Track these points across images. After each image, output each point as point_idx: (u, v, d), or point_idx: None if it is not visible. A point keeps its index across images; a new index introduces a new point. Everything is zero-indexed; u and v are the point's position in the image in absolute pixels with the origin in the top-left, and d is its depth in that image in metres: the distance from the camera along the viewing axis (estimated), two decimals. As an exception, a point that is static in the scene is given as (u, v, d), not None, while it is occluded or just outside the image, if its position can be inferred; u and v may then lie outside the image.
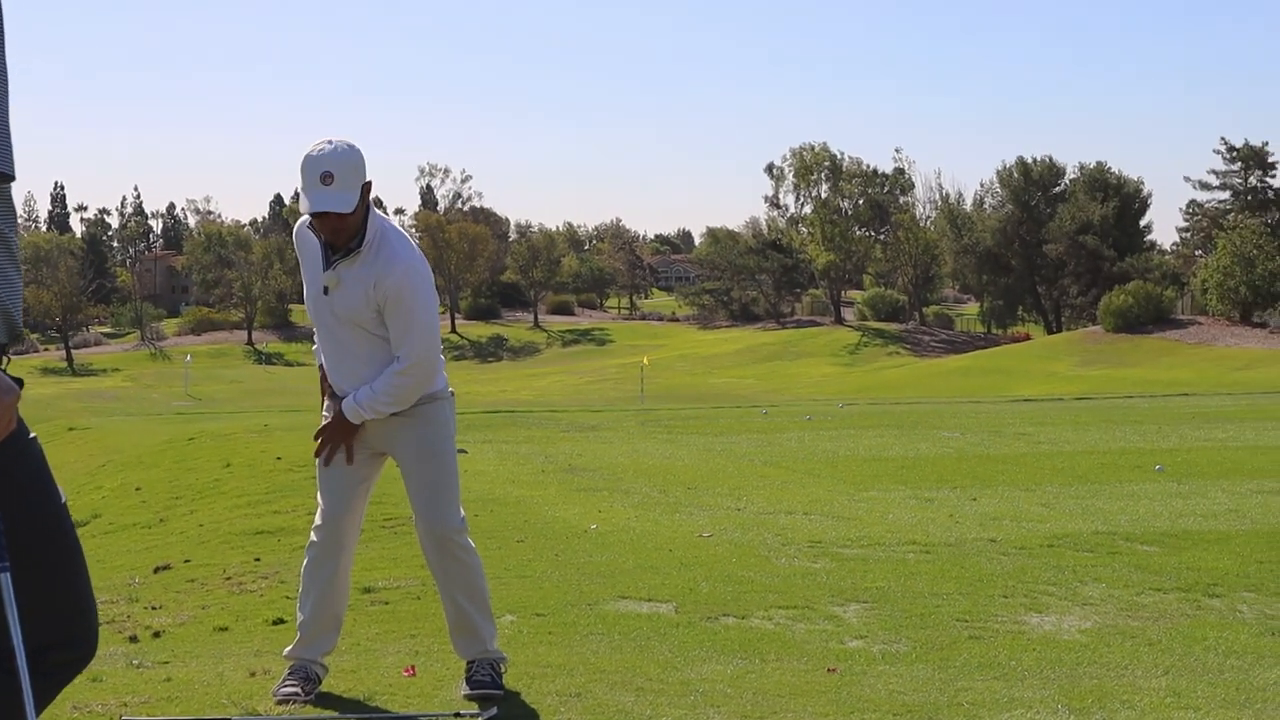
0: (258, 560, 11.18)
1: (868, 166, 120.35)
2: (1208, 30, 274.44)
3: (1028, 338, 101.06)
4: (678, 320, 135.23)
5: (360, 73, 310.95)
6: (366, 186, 6.08)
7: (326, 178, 5.93)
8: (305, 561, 6.65)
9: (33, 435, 3.74)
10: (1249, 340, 76.03)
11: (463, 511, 6.53)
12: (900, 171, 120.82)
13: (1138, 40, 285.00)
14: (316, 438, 6.47)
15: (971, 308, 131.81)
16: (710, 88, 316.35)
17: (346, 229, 6.10)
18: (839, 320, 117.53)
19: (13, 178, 3.49)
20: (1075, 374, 70.55)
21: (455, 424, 6.70)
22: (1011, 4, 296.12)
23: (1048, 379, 67.79)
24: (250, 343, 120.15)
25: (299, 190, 6.05)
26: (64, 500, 3.81)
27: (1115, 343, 79.35)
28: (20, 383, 3.56)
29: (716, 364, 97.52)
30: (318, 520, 6.58)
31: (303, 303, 6.64)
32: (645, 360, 72.32)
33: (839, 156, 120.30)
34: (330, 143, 6.03)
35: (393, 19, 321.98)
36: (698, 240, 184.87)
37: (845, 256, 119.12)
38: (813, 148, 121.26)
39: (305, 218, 6.39)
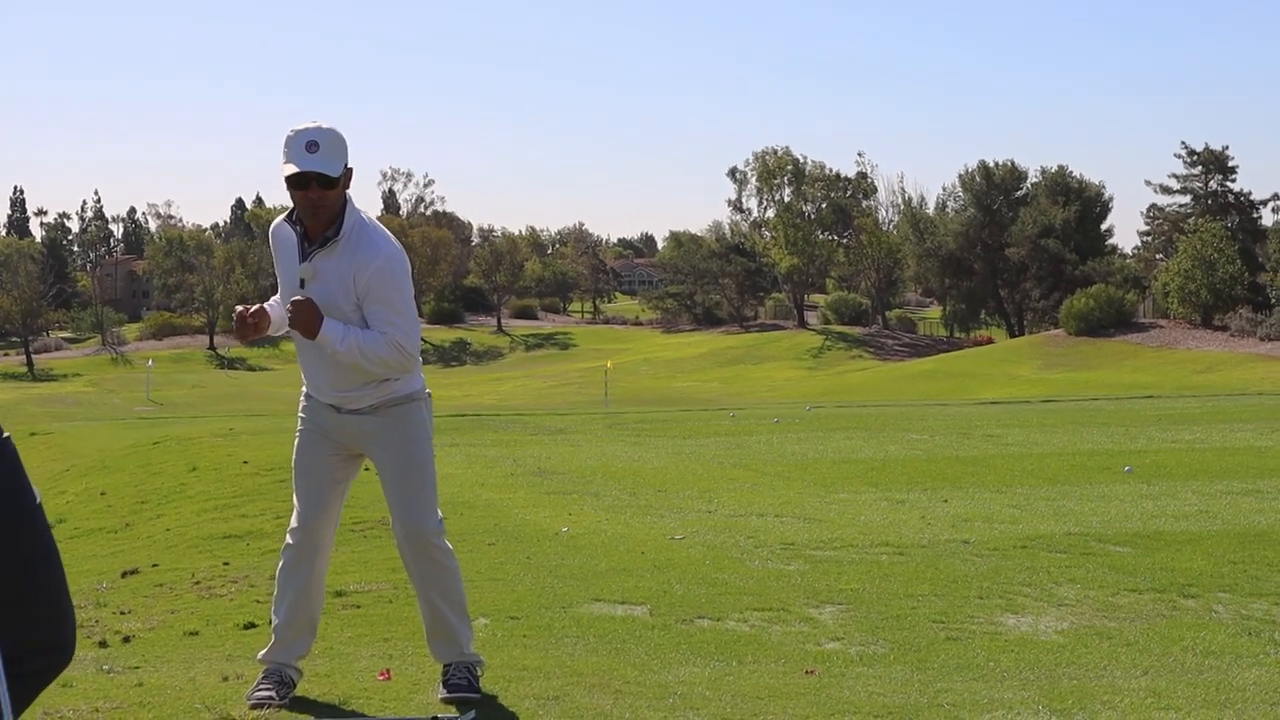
0: (226, 564, 11.09)
1: (830, 170, 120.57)
2: (1168, 34, 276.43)
3: (990, 341, 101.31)
4: (641, 324, 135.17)
5: (323, 77, 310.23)
6: (348, 173, 6.01)
7: (312, 146, 5.89)
8: (280, 564, 6.57)
9: (6, 435, 3.66)
10: (1210, 343, 76.35)
11: (440, 513, 6.47)
12: (863, 175, 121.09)
13: (1099, 44, 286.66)
14: (298, 307, 6.08)
15: (934, 311, 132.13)
16: (673, 91, 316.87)
17: (326, 206, 5.99)
18: (802, 324, 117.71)
19: None
20: (1038, 377, 70.79)
21: (433, 425, 6.64)
22: (973, 8, 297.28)
23: (1010, 382, 68.01)
24: (212, 347, 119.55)
25: (282, 163, 5.94)
26: (39, 500, 3.73)
27: (1077, 346, 79.61)
28: None
29: (680, 368, 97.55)
30: (293, 523, 6.50)
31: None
32: (609, 364, 72.24)
33: (802, 160, 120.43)
34: (315, 122, 6.00)
35: (355, 25, 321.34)
36: (660, 244, 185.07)
37: (808, 260, 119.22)
38: (775, 151, 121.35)
39: (280, 218, 6.31)
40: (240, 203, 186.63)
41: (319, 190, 5.93)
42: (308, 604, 6.55)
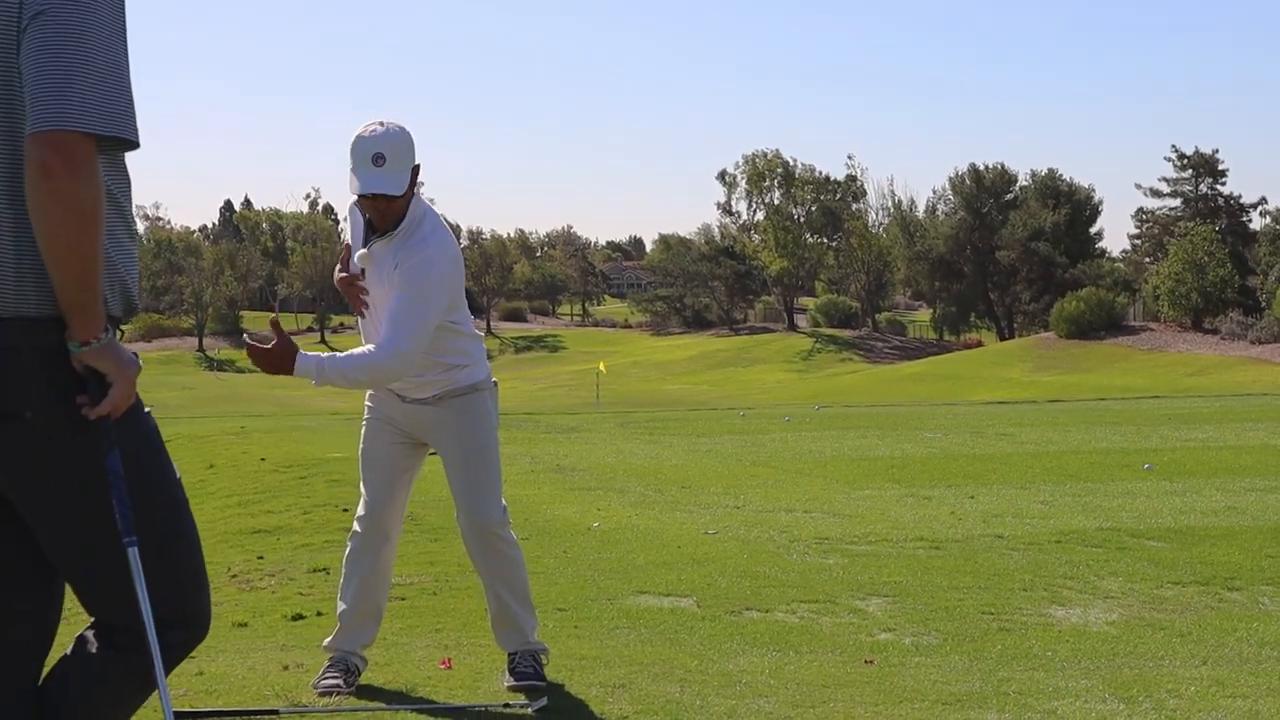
0: (261, 558, 11.10)
1: (820, 173, 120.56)
2: (1158, 38, 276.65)
3: (980, 344, 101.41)
4: (630, 327, 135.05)
5: (311, 80, 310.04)
6: (415, 169, 5.98)
7: (378, 159, 5.80)
8: (347, 551, 6.54)
9: (148, 410, 3.68)
10: (1200, 346, 76.48)
11: (504, 503, 6.46)
12: (852, 178, 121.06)
13: (1088, 47, 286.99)
14: (255, 355, 5.88)
15: (924, 314, 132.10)
16: (661, 94, 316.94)
17: (393, 211, 5.96)
18: (792, 327, 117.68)
19: (136, 144, 3.45)
20: (1029, 380, 70.82)
21: (498, 415, 6.62)
22: (962, 12, 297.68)
23: (1001, 385, 68.02)
24: (201, 349, 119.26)
25: (349, 170, 5.90)
26: (179, 476, 3.75)
27: (1068, 349, 79.66)
28: (137, 356, 3.52)
29: (670, 370, 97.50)
30: (360, 511, 6.47)
31: (256, 309, 6.44)
32: (601, 366, 72.19)
33: (791, 163, 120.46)
34: (381, 124, 5.88)
35: (342, 28, 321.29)
36: (649, 247, 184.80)
37: (798, 263, 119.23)
38: (765, 154, 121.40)
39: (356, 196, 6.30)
40: (229, 205, 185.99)
41: (386, 202, 5.91)
42: (374, 592, 6.53)
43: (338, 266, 6.38)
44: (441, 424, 6.33)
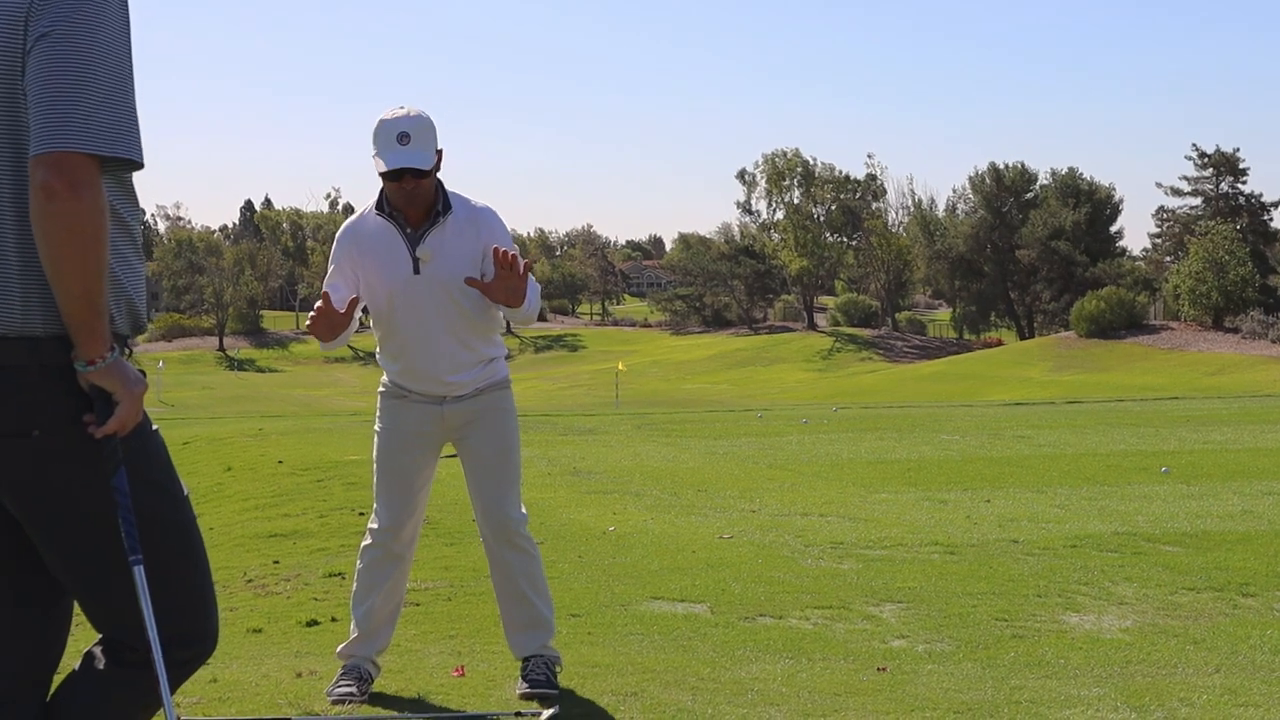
0: (276, 563, 11.12)
1: (840, 172, 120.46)
2: (1179, 36, 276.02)
3: (1000, 343, 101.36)
4: (650, 326, 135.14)
5: (330, 79, 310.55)
6: (439, 156, 6.05)
7: (403, 138, 5.90)
8: (363, 564, 6.47)
9: (155, 428, 3.70)
10: (1221, 345, 76.37)
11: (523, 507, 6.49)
12: (872, 177, 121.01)
13: (1109, 46, 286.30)
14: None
15: (944, 313, 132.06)
16: (681, 93, 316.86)
17: (422, 193, 6.02)
18: (812, 326, 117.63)
19: (140, 165, 3.46)
20: (1049, 379, 70.79)
21: None
22: (983, 10, 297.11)
23: (1021, 384, 67.99)
24: (222, 349, 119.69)
25: (373, 156, 5.96)
26: (186, 493, 3.77)
27: (1088, 348, 79.61)
28: (144, 374, 3.54)
29: (690, 370, 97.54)
30: (379, 524, 6.37)
31: (276, 308, 6.44)
32: (620, 366, 72.27)
33: (811, 162, 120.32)
34: (403, 108, 6.01)
35: (361, 25, 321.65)
36: (669, 246, 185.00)
37: (818, 262, 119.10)
38: (785, 153, 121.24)
39: (359, 215, 6.30)
40: (249, 204, 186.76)
41: (413, 181, 5.96)
42: (390, 601, 6.53)
43: (316, 311, 6.07)
44: (476, 421, 6.33)
